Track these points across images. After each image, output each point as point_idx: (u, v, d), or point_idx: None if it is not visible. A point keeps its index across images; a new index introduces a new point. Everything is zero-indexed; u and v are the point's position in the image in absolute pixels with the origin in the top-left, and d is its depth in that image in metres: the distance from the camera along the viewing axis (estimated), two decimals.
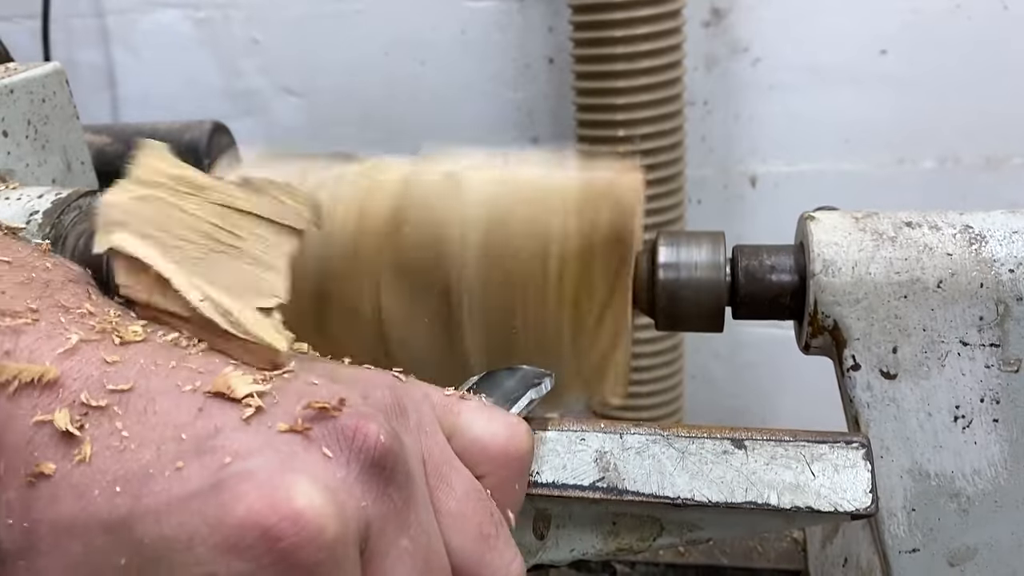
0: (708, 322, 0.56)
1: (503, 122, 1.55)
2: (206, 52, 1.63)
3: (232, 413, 0.33)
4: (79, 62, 1.66)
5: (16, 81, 0.70)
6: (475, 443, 0.39)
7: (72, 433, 0.32)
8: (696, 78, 1.46)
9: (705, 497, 0.44)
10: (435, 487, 0.37)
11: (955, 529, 0.53)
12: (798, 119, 1.47)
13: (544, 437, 0.46)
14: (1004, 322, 0.51)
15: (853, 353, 0.52)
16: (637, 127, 1.30)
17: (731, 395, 1.68)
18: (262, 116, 1.64)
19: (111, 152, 1.01)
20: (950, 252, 0.51)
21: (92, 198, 0.63)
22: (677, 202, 1.37)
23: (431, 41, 1.54)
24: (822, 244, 0.52)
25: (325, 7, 1.55)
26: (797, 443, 0.45)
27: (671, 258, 0.56)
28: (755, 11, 1.43)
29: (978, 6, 1.36)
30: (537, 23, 1.50)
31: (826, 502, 0.43)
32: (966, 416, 0.52)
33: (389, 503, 0.34)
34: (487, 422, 0.40)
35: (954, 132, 1.44)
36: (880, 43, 1.41)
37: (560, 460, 0.45)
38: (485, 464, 0.39)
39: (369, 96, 1.58)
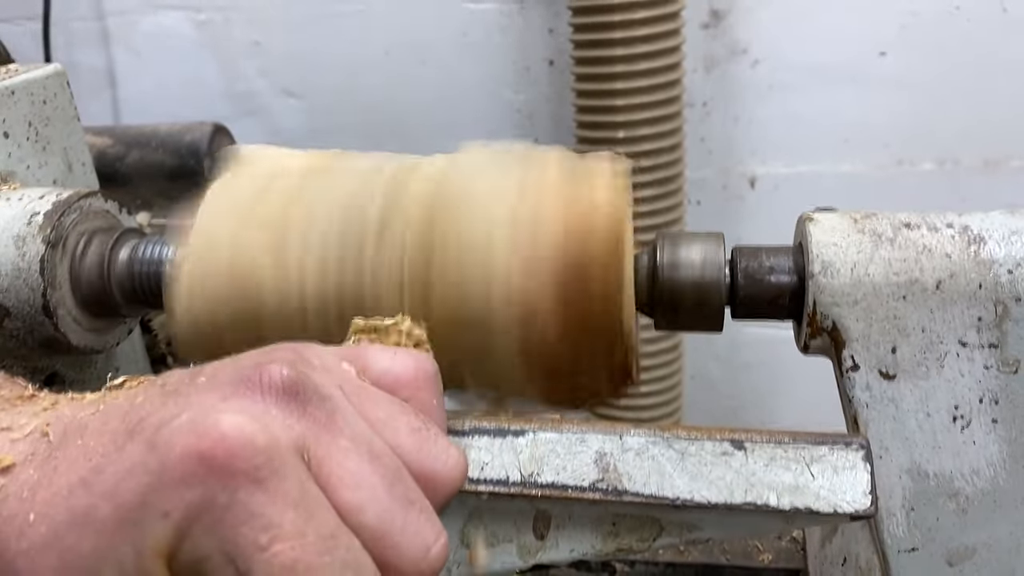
0: (707, 322, 0.56)
1: (503, 124, 1.56)
2: (207, 54, 1.63)
3: (151, 405, 0.37)
4: (80, 64, 1.66)
5: (17, 83, 0.70)
6: (387, 374, 0.42)
7: (26, 482, 0.36)
8: (695, 79, 1.46)
9: (705, 498, 0.44)
10: (359, 405, 0.40)
11: (954, 529, 0.53)
12: (797, 120, 1.47)
13: (544, 438, 0.46)
14: (1003, 323, 0.51)
15: (852, 354, 0.52)
16: (637, 128, 1.30)
17: (730, 396, 1.68)
18: (263, 117, 1.65)
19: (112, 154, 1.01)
20: (949, 253, 0.51)
21: (93, 199, 0.63)
22: (676, 203, 1.37)
23: (431, 42, 1.54)
24: (821, 245, 0.52)
25: (325, 8, 1.55)
26: (796, 444, 0.45)
27: (671, 259, 0.56)
28: (754, 13, 1.43)
29: (977, 8, 1.36)
30: (537, 25, 1.50)
31: (825, 503, 0.43)
32: (965, 416, 0.52)
33: (313, 419, 0.37)
34: (392, 356, 0.43)
35: (953, 134, 1.44)
36: (879, 45, 1.41)
37: (560, 461, 0.45)
38: (401, 390, 0.42)
39: (369, 97, 1.58)
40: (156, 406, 0.37)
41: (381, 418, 0.40)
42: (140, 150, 1.01)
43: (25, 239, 0.58)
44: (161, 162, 1.01)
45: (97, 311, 0.62)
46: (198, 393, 0.37)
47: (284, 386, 0.37)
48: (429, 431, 0.41)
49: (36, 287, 0.58)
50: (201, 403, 0.36)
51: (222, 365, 0.40)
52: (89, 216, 0.62)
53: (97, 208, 0.63)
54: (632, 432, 0.46)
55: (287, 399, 0.37)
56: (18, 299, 0.58)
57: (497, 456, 0.46)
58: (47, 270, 0.58)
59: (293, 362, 0.39)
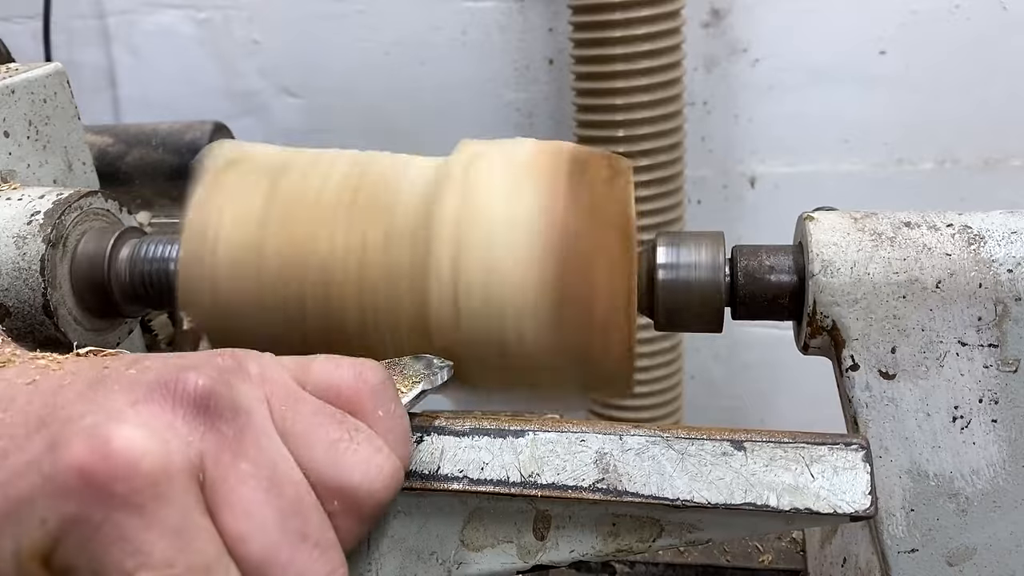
0: (707, 322, 0.56)
1: (503, 122, 1.56)
2: (207, 53, 1.63)
3: (71, 394, 0.38)
4: (80, 63, 1.66)
5: (17, 82, 0.70)
6: (328, 388, 0.42)
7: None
8: (696, 78, 1.46)
9: (704, 499, 0.44)
10: (282, 417, 0.40)
11: (954, 529, 0.53)
12: (797, 119, 1.47)
13: (544, 438, 0.46)
14: (1003, 322, 0.51)
15: (852, 353, 0.52)
16: (636, 127, 1.30)
17: (730, 396, 1.68)
18: (262, 116, 1.64)
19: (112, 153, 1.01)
20: (949, 252, 0.51)
21: (93, 198, 0.63)
22: (677, 202, 1.37)
23: (431, 41, 1.54)
24: (821, 244, 0.52)
25: (325, 8, 1.55)
26: (796, 445, 0.45)
27: (671, 258, 0.56)
28: (754, 12, 1.43)
29: (977, 7, 1.36)
30: (537, 24, 1.50)
31: (825, 504, 0.43)
32: (965, 416, 0.52)
33: (219, 436, 0.37)
34: (335, 367, 0.43)
35: (953, 133, 1.44)
36: (879, 44, 1.41)
37: (560, 461, 0.45)
38: (340, 400, 0.42)
39: (369, 96, 1.58)
40: (76, 395, 0.37)
41: (299, 432, 0.40)
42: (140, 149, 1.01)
43: (25, 238, 0.58)
44: (161, 161, 1.01)
45: (97, 311, 0.62)
46: (117, 389, 0.37)
47: (197, 398, 0.37)
48: (352, 442, 0.40)
49: (36, 287, 0.58)
50: (111, 406, 0.36)
51: (156, 362, 0.40)
52: (89, 215, 0.62)
53: (97, 207, 0.63)
54: (632, 432, 0.46)
55: (196, 412, 0.37)
56: (18, 299, 0.58)
57: (497, 456, 0.46)
58: (47, 269, 0.58)
59: (221, 370, 0.39)
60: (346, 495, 0.40)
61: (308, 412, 0.40)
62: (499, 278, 0.51)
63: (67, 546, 0.35)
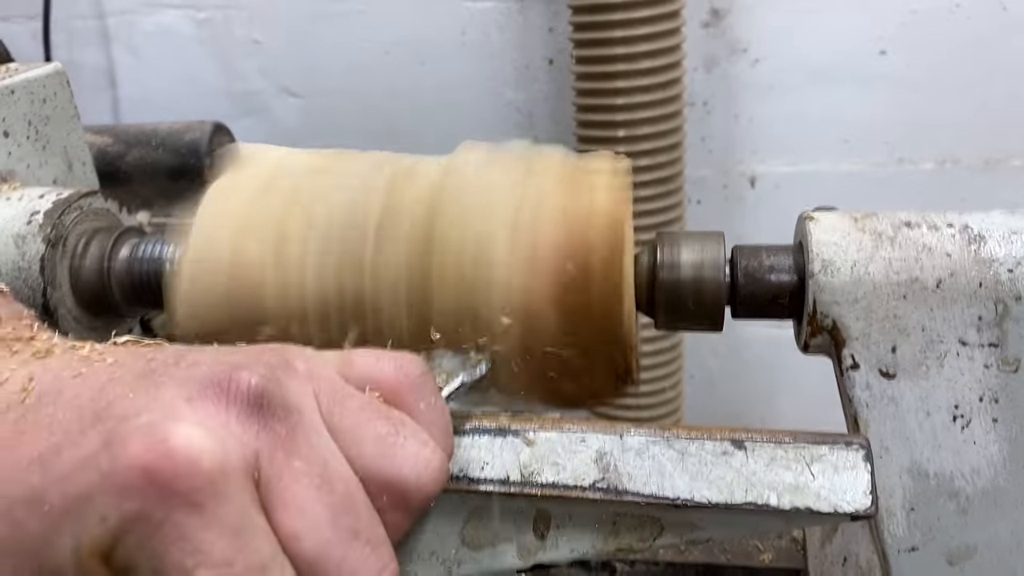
0: (707, 322, 0.56)
1: (503, 122, 1.56)
2: (207, 53, 1.63)
3: (122, 389, 0.38)
4: (80, 63, 1.66)
5: (17, 82, 0.70)
6: (370, 381, 0.42)
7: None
8: (696, 78, 1.46)
9: (705, 498, 0.44)
10: (329, 414, 0.40)
11: (954, 528, 0.53)
12: (797, 119, 1.47)
13: (544, 438, 0.46)
14: (1003, 322, 0.51)
15: (852, 353, 0.52)
16: (637, 128, 1.30)
17: (730, 395, 1.68)
18: (263, 116, 1.65)
19: (112, 153, 1.01)
20: (949, 252, 0.51)
21: (93, 198, 0.63)
22: (677, 202, 1.37)
23: (431, 41, 1.54)
24: (821, 244, 0.52)
25: (325, 8, 1.55)
26: (797, 444, 0.45)
27: (671, 258, 0.56)
28: (754, 11, 1.43)
29: (977, 6, 1.36)
30: (537, 24, 1.50)
31: (826, 503, 0.43)
32: (965, 415, 0.52)
33: (272, 434, 0.37)
34: (375, 360, 0.43)
35: (953, 132, 1.44)
36: (879, 43, 1.41)
37: (560, 461, 0.45)
38: (383, 396, 0.42)
39: (369, 96, 1.58)
40: (127, 389, 0.37)
41: (347, 428, 0.40)
42: (140, 149, 1.01)
43: (25, 238, 0.58)
44: (161, 161, 1.01)
45: (97, 310, 0.62)
46: (169, 385, 0.37)
47: (250, 396, 0.37)
48: (399, 436, 0.40)
49: (36, 286, 0.58)
50: (166, 402, 0.36)
51: (204, 357, 0.40)
52: (89, 215, 0.62)
53: (97, 207, 0.63)
54: (632, 432, 0.46)
55: (250, 411, 0.37)
56: (18, 298, 0.58)
57: (497, 456, 0.46)
58: (47, 269, 0.58)
59: (271, 367, 0.39)
60: (395, 490, 0.40)
61: (355, 408, 0.40)
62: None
63: (127, 544, 0.35)
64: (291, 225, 0.55)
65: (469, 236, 0.52)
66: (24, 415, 0.37)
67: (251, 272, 0.54)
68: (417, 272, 0.53)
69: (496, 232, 0.52)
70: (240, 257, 0.55)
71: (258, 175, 0.58)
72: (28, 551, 0.35)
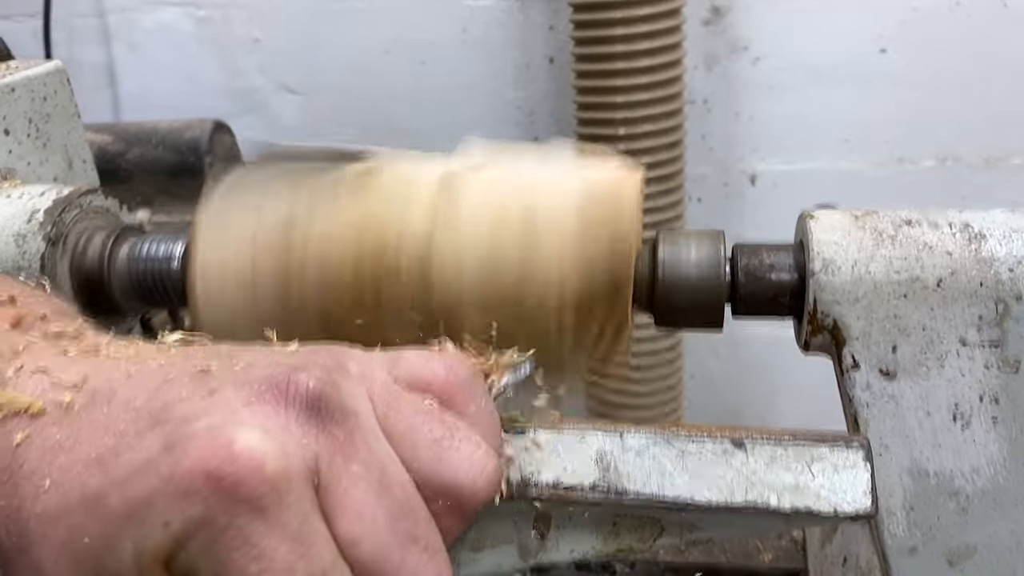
0: (707, 321, 0.56)
1: (503, 121, 1.56)
2: (207, 51, 1.63)
3: (179, 391, 0.37)
4: (80, 61, 1.66)
5: (17, 79, 0.70)
6: (419, 383, 0.42)
7: (49, 438, 0.37)
8: (696, 77, 1.46)
9: (705, 498, 0.44)
10: (384, 417, 0.39)
11: (954, 528, 0.53)
12: (798, 118, 1.47)
13: (544, 438, 0.46)
14: (1003, 321, 0.51)
15: (852, 352, 0.52)
16: (637, 126, 1.30)
17: (730, 395, 1.68)
18: (263, 115, 1.64)
19: (112, 151, 1.01)
20: (950, 251, 0.51)
21: (93, 196, 0.63)
22: (677, 201, 1.37)
23: (431, 40, 1.54)
24: (822, 243, 0.52)
25: (326, 6, 1.55)
26: (797, 444, 0.45)
27: (671, 257, 0.56)
28: (755, 10, 1.43)
29: (978, 5, 1.36)
30: (538, 22, 1.50)
31: (826, 503, 0.43)
32: (965, 415, 0.52)
33: (331, 438, 0.37)
34: (425, 361, 0.43)
35: (954, 131, 1.44)
36: (880, 42, 1.41)
37: (560, 461, 0.45)
38: (434, 395, 0.42)
39: (369, 96, 1.58)
40: (184, 392, 0.37)
41: (402, 431, 0.39)
42: (140, 147, 1.01)
43: (26, 236, 0.58)
44: (161, 159, 1.01)
45: (97, 308, 0.62)
46: (226, 387, 0.37)
47: (309, 400, 0.37)
48: (454, 439, 0.40)
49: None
50: (224, 405, 0.36)
51: (257, 358, 0.39)
52: (89, 213, 0.62)
53: (97, 205, 0.63)
54: (632, 432, 0.46)
55: (308, 414, 0.37)
56: None
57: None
58: (48, 267, 0.58)
59: (327, 370, 0.38)
60: (450, 494, 0.39)
61: (409, 411, 0.40)
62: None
63: (190, 550, 0.34)
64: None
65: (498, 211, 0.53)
66: (78, 415, 0.37)
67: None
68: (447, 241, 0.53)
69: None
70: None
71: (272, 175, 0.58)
72: (88, 555, 0.35)
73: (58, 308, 0.45)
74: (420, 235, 0.53)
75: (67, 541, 0.35)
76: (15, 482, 0.36)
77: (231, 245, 0.55)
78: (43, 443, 0.36)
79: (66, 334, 0.42)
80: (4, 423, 0.37)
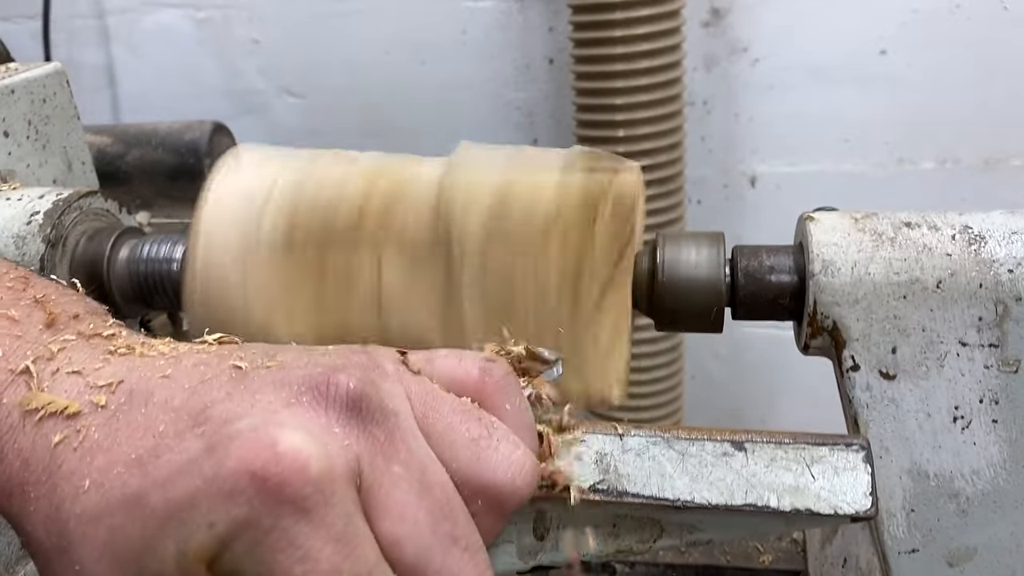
0: (708, 322, 0.56)
1: (503, 122, 1.56)
2: (206, 52, 1.63)
3: (218, 391, 0.37)
4: (80, 62, 1.66)
5: (17, 81, 0.70)
6: (453, 382, 0.42)
7: (88, 439, 0.36)
8: (696, 78, 1.46)
9: (705, 499, 0.44)
10: (422, 417, 0.39)
11: (954, 529, 0.53)
12: (798, 119, 1.47)
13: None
14: (1003, 322, 0.51)
15: (852, 353, 0.52)
16: (637, 127, 1.30)
17: (730, 396, 1.68)
18: (262, 116, 1.64)
19: (112, 152, 1.01)
20: (949, 252, 0.51)
21: (93, 198, 0.63)
22: (677, 202, 1.37)
23: (431, 41, 1.54)
24: (821, 244, 0.52)
25: (325, 7, 1.55)
26: (797, 445, 0.45)
27: (671, 258, 0.56)
28: (754, 11, 1.43)
29: (978, 6, 1.36)
30: (537, 23, 1.50)
31: (826, 505, 0.43)
32: (965, 416, 0.52)
33: (372, 439, 0.37)
34: (459, 361, 0.43)
35: (953, 132, 1.44)
36: (880, 43, 1.41)
37: (560, 462, 0.45)
38: (468, 395, 0.42)
39: (369, 96, 1.58)
40: (223, 392, 0.37)
41: (441, 431, 0.39)
42: (140, 149, 1.01)
43: (25, 238, 0.58)
44: (161, 161, 1.01)
45: None
46: (266, 388, 0.37)
47: (350, 401, 0.37)
48: (492, 439, 0.40)
49: None
50: (265, 406, 0.36)
51: (293, 358, 0.39)
52: (89, 215, 0.62)
53: (97, 207, 0.63)
54: (632, 432, 0.46)
55: (350, 415, 0.37)
56: None
57: None
58: (47, 269, 0.58)
59: (366, 370, 0.38)
60: (490, 494, 0.39)
61: (447, 410, 0.40)
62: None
63: (234, 551, 0.34)
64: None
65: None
66: (115, 416, 0.37)
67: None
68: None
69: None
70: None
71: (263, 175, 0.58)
72: (129, 555, 0.35)
73: (91, 308, 0.45)
74: (433, 173, 0.55)
75: (108, 541, 0.35)
76: (53, 482, 0.36)
77: (240, 190, 0.56)
78: (81, 444, 0.36)
79: (100, 334, 0.42)
80: (41, 424, 0.37)
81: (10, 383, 0.39)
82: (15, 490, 0.37)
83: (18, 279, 0.45)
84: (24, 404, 0.38)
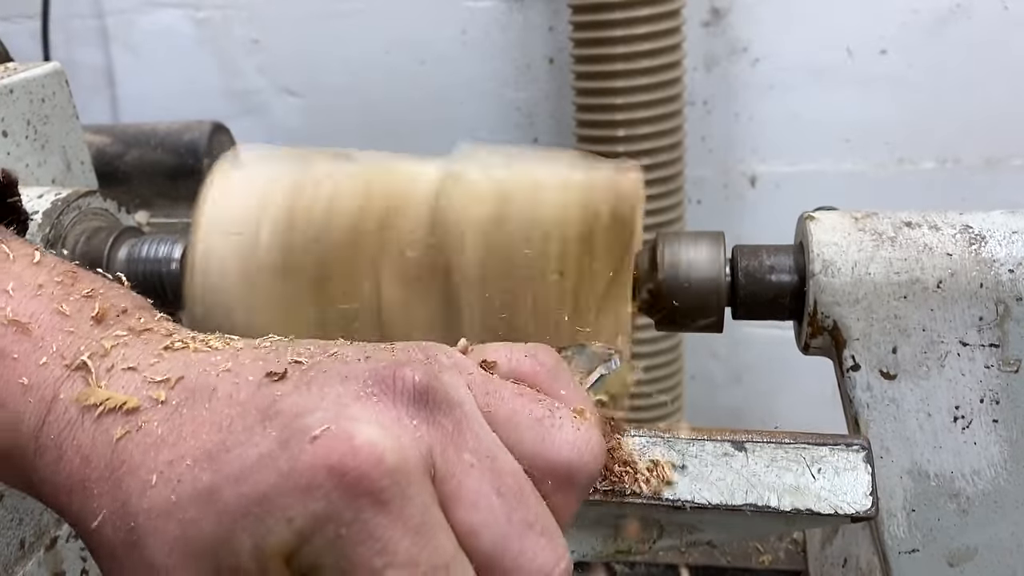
0: (708, 322, 0.56)
1: (503, 122, 1.55)
2: (206, 52, 1.63)
3: (285, 385, 0.37)
4: (79, 62, 1.66)
5: (16, 81, 0.70)
6: (506, 372, 0.42)
7: (150, 433, 0.36)
8: (696, 78, 1.46)
9: (705, 499, 0.44)
10: (484, 405, 0.39)
11: (955, 529, 0.53)
12: (798, 119, 1.47)
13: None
14: (1004, 322, 0.51)
15: (853, 353, 0.52)
16: (637, 127, 1.30)
17: (731, 396, 1.68)
18: (262, 116, 1.64)
19: (111, 152, 1.01)
20: (950, 252, 0.51)
21: (92, 198, 0.63)
22: (677, 202, 1.37)
23: (431, 41, 1.54)
24: (822, 244, 0.52)
25: (325, 7, 1.55)
26: (797, 445, 0.45)
27: (671, 258, 0.56)
28: (754, 11, 1.43)
29: (978, 6, 1.36)
30: (537, 23, 1.50)
31: (826, 505, 0.43)
32: (966, 416, 0.52)
33: (441, 429, 0.37)
34: (509, 351, 0.43)
35: (954, 132, 1.44)
36: (880, 43, 1.41)
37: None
38: (523, 381, 0.42)
39: (369, 96, 1.58)
40: (289, 386, 0.37)
41: (504, 416, 0.39)
42: (139, 149, 1.01)
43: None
44: (160, 161, 1.01)
45: None
46: (333, 382, 0.37)
47: (416, 393, 0.37)
48: (554, 417, 0.40)
49: None
50: (335, 399, 0.36)
51: (353, 351, 0.39)
52: (88, 215, 0.62)
53: (96, 207, 0.63)
54: (632, 432, 0.46)
55: (418, 407, 0.37)
56: None
57: None
58: None
59: (426, 364, 0.38)
60: (559, 473, 0.39)
61: (508, 395, 0.40)
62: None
63: (314, 545, 0.34)
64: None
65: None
66: (177, 411, 0.37)
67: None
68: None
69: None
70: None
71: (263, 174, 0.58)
72: (203, 550, 0.35)
73: (138, 302, 0.45)
74: (430, 180, 0.55)
75: (180, 536, 0.35)
76: (118, 478, 0.36)
77: (237, 199, 0.55)
78: (144, 439, 0.36)
79: (150, 329, 0.42)
80: (101, 420, 0.37)
81: (66, 379, 0.38)
82: (76, 487, 0.37)
83: (66, 273, 0.44)
84: (82, 400, 0.37)
